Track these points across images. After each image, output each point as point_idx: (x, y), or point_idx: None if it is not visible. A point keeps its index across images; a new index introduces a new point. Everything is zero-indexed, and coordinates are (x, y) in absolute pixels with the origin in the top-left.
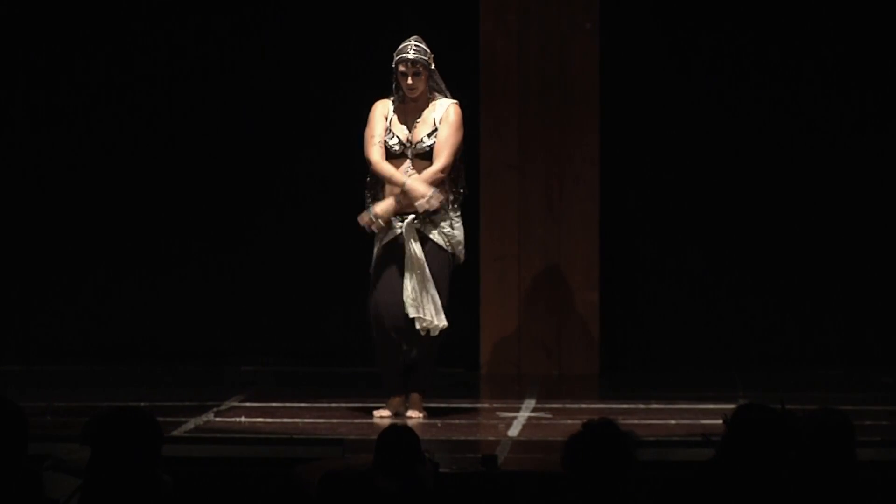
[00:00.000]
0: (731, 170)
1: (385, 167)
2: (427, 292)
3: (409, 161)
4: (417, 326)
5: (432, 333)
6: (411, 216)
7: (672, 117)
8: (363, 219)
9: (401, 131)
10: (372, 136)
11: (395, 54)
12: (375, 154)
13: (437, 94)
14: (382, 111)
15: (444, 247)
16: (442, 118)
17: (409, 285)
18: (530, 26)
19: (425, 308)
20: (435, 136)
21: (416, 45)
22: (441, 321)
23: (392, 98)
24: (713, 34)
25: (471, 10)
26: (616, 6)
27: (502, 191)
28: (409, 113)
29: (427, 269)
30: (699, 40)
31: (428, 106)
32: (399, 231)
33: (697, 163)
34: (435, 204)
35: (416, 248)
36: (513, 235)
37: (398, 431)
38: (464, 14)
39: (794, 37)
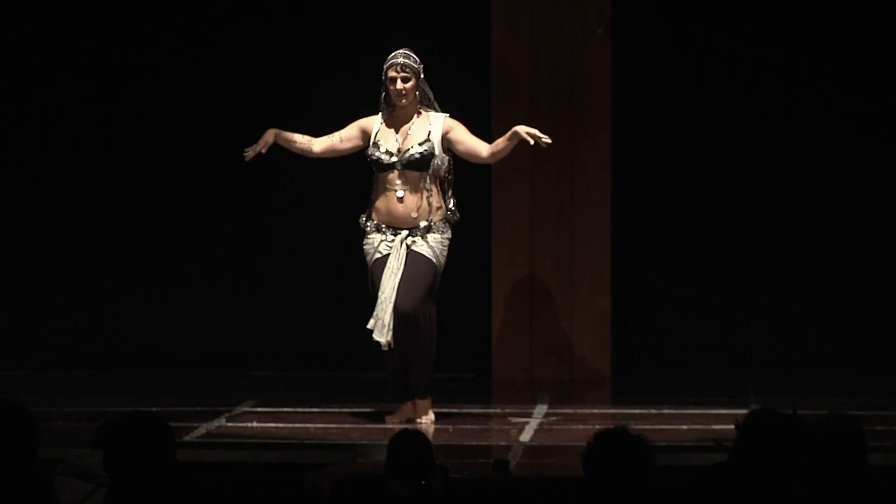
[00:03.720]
0: (743, 175)
1: (293, 136)
2: (387, 307)
3: (397, 172)
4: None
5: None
6: (404, 232)
7: (684, 122)
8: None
9: (389, 143)
10: (336, 133)
11: (384, 65)
12: (321, 138)
13: (426, 107)
14: (363, 124)
15: (430, 256)
16: (446, 129)
17: (384, 289)
18: (542, 31)
19: (379, 319)
20: (427, 146)
21: (405, 52)
22: (381, 337)
23: (380, 113)
24: (725, 39)
25: (482, 16)
26: (628, 11)
27: (514, 196)
28: (397, 124)
29: (398, 281)
30: (711, 45)
31: (417, 117)
32: (386, 252)
33: (710, 167)
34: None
35: (401, 255)
36: (524, 241)
37: (410, 436)
38: (475, 19)
39: (806, 41)
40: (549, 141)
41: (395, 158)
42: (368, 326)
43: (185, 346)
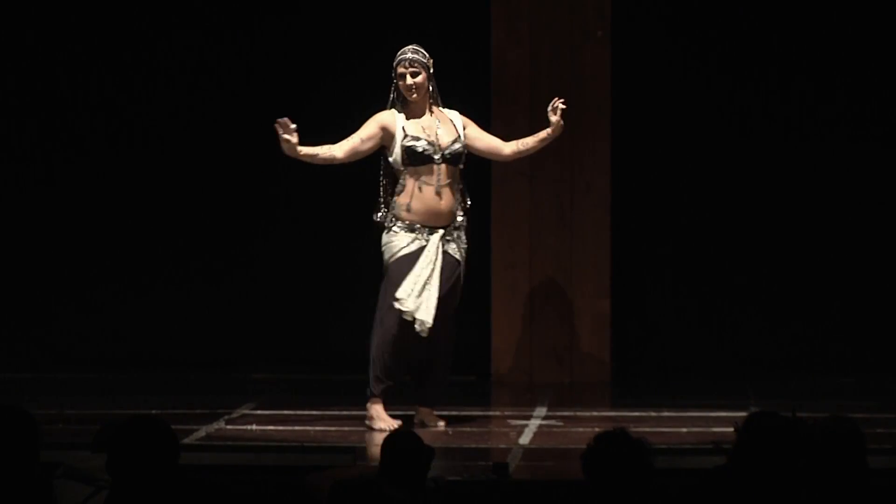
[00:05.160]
0: (742, 178)
1: (315, 150)
2: (430, 294)
3: (437, 167)
4: (417, 328)
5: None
6: (440, 231)
7: (683, 125)
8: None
9: (426, 136)
10: (354, 135)
11: (393, 62)
12: (341, 144)
13: (435, 103)
14: (383, 121)
15: (459, 259)
16: (464, 125)
17: (428, 289)
18: (542, 34)
19: (423, 305)
20: (461, 141)
21: (413, 48)
22: (428, 317)
23: (394, 109)
24: (725, 42)
25: (482, 18)
26: (628, 14)
27: (513, 199)
28: (423, 121)
29: (437, 278)
30: (711, 48)
31: (431, 114)
32: (416, 248)
33: (709, 171)
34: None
35: (439, 253)
36: (524, 243)
37: (403, 438)
38: (475, 22)
39: (807, 44)
40: (562, 105)
41: (434, 152)
42: (408, 308)
43: (184, 349)
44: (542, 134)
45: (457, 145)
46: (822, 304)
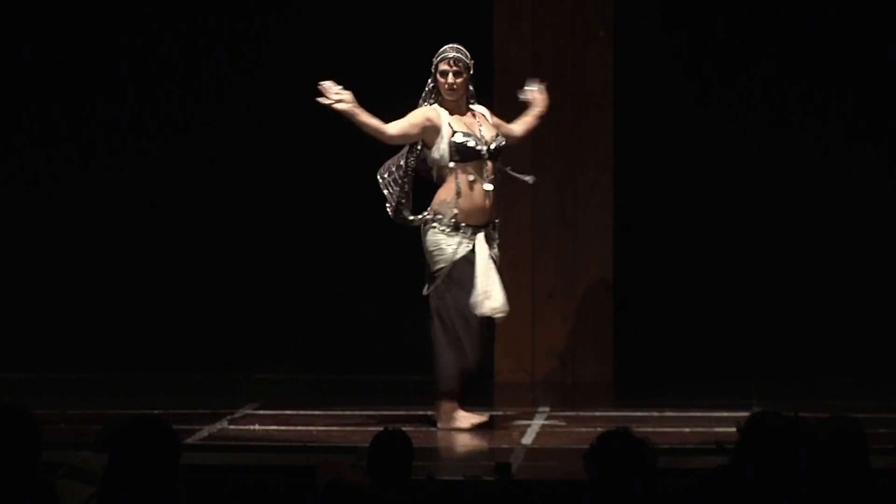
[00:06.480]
0: (745, 178)
1: (369, 118)
2: (500, 284)
3: (486, 163)
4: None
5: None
6: (483, 231)
7: (686, 124)
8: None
9: (474, 132)
10: (403, 119)
11: (434, 58)
12: (393, 123)
13: (470, 101)
14: (429, 115)
15: (496, 262)
16: (495, 123)
17: (492, 282)
18: (544, 34)
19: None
20: (501, 138)
21: (457, 47)
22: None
23: (435, 105)
24: (727, 41)
25: (485, 18)
26: (630, 14)
27: (516, 198)
28: (466, 118)
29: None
30: (713, 48)
31: (471, 113)
32: (468, 249)
33: (711, 170)
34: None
35: (490, 252)
36: (527, 243)
37: (390, 438)
38: (478, 21)
39: (809, 43)
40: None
41: (484, 148)
42: (495, 306)
43: (187, 349)
44: (533, 114)
45: (500, 140)
46: (825, 304)
